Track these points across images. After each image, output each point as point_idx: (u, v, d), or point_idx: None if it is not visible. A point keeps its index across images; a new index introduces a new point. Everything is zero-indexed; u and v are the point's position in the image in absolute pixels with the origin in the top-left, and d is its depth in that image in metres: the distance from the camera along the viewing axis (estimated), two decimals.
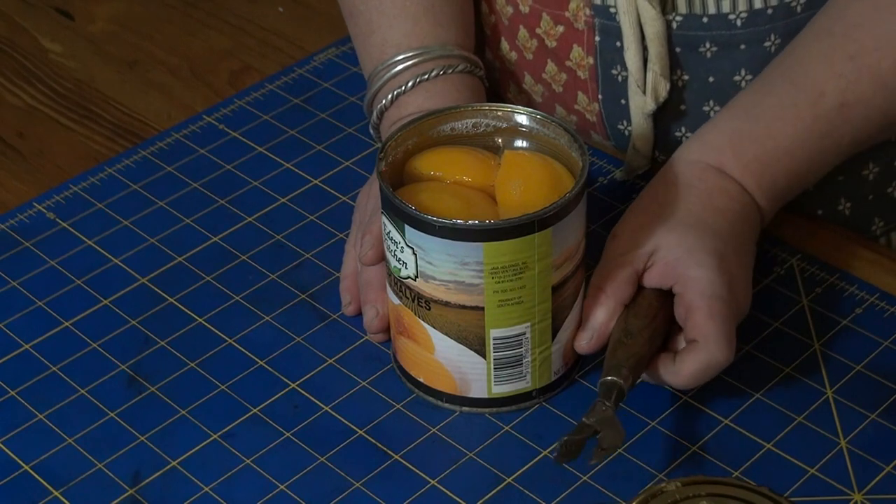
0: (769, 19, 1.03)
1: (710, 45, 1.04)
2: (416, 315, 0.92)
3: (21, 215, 1.12)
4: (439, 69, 1.06)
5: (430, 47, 1.07)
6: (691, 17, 1.03)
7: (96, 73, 1.28)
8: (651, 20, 1.03)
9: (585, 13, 1.05)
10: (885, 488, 0.89)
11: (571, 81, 1.09)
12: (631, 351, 0.91)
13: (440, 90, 1.06)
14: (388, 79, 1.07)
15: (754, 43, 1.04)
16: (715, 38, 1.04)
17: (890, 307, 1.00)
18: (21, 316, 1.03)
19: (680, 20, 1.04)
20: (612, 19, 1.05)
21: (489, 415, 0.95)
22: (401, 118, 1.05)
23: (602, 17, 1.05)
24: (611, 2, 1.04)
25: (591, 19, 1.05)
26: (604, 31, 1.05)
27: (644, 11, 1.03)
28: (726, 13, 1.03)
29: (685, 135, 1.08)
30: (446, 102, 1.05)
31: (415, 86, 1.06)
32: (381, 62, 1.08)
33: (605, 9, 1.04)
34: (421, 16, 1.08)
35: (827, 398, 0.94)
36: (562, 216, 0.89)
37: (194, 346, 1.00)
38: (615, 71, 1.07)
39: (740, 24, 1.03)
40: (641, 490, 0.88)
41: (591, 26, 1.06)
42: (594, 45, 1.06)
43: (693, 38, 1.04)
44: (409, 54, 1.07)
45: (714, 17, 1.03)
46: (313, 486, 0.91)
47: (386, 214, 0.91)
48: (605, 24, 1.05)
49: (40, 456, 0.93)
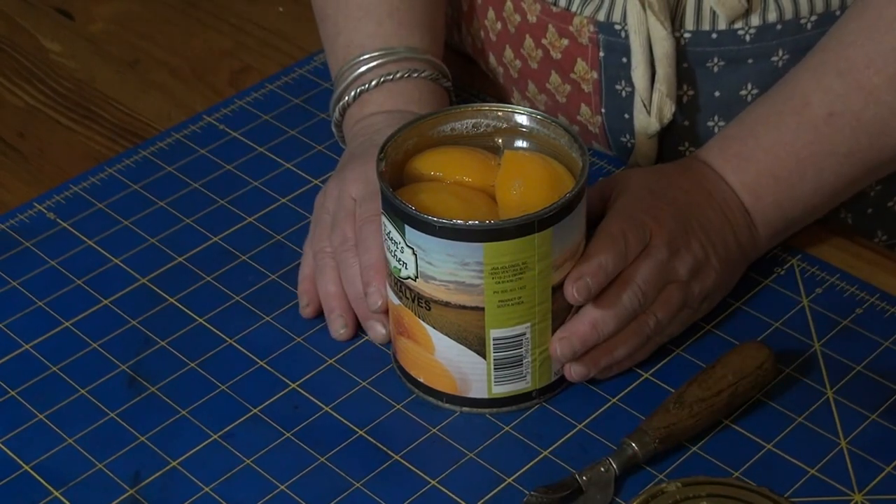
0: (778, 35, 1.03)
1: (718, 60, 1.04)
2: (416, 315, 0.92)
3: (21, 215, 1.12)
4: (404, 71, 1.07)
5: (395, 48, 1.08)
6: (700, 34, 1.03)
7: (96, 73, 1.28)
8: (661, 40, 1.03)
9: (589, 29, 1.05)
10: (885, 488, 0.89)
11: (575, 93, 1.09)
12: (670, 421, 0.90)
13: (403, 91, 1.07)
14: (352, 79, 1.08)
15: (762, 58, 1.04)
16: (723, 54, 1.04)
17: (890, 307, 1.00)
18: (21, 316, 1.03)
19: (688, 37, 1.03)
20: (616, 36, 1.04)
21: (489, 415, 0.95)
22: (363, 116, 1.06)
23: (606, 34, 1.05)
24: (617, 19, 1.04)
25: (595, 35, 1.05)
26: (608, 48, 1.05)
27: (655, 31, 1.02)
28: (736, 28, 1.03)
29: (688, 149, 1.08)
30: (409, 104, 1.06)
31: (378, 85, 1.07)
32: (346, 62, 1.09)
33: (611, 26, 1.04)
34: (385, 18, 1.09)
35: (827, 398, 0.94)
36: (562, 216, 0.89)
37: (194, 346, 1.00)
38: (619, 86, 1.07)
39: (749, 39, 1.03)
40: (642, 490, 0.88)
41: (595, 42, 1.06)
42: (598, 61, 1.06)
43: (701, 53, 1.04)
44: (373, 54, 1.08)
45: (723, 33, 1.03)
46: (313, 486, 0.90)
47: (386, 214, 0.91)
48: (609, 41, 1.05)
49: (40, 456, 0.93)
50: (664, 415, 0.90)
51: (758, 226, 1.00)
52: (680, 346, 0.98)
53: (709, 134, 1.07)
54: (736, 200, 0.99)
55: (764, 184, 0.99)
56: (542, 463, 0.91)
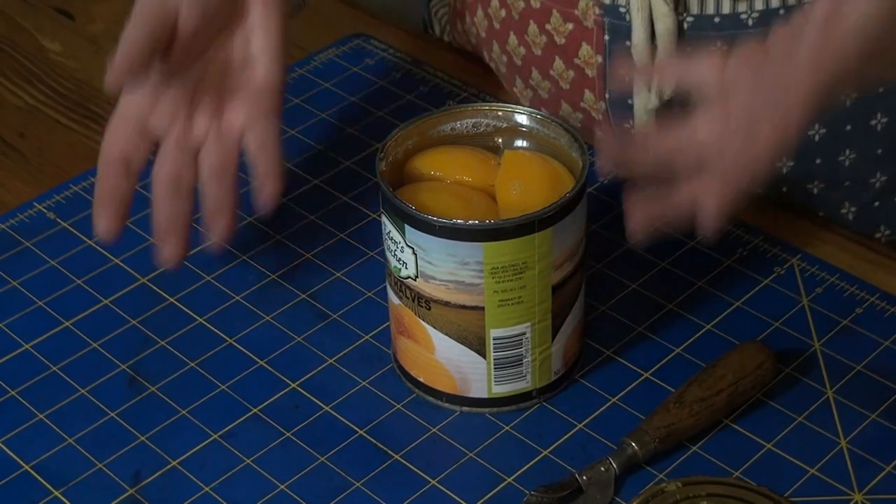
0: (781, 19, 1.02)
1: (721, 45, 1.04)
2: (416, 315, 0.92)
3: (21, 215, 1.12)
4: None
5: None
6: (703, 18, 1.03)
7: (96, 72, 1.28)
8: (663, 16, 1.02)
9: (595, 12, 1.05)
10: (885, 488, 0.89)
11: (579, 79, 1.09)
12: (670, 420, 0.90)
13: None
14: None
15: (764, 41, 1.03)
16: (726, 38, 1.04)
17: (890, 307, 1.00)
18: (21, 316, 1.03)
19: (691, 21, 1.03)
20: (621, 19, 1.04)
21: (489, 415, 0.95)
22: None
23: (611, 17, 1.05)
24: (622, 1, 1.04)
25: (600, 18, 1.05)
26: (613, 31, 1.05)
27: (657, 8, 1.02)
28: (739, 13, 1.03)
29: None
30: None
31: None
32: None
33: (615, 8, 1.04)
34: None
35: (827, 398, 0.94)
36: (562, 216, 0.89)
37: (194, 346, 1.00)
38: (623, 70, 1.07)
39: (752, 23, 1.03)
40: (642, 490, 0.88)
41: (600, 25, 1.06)
42: (603, 44, 1.06)
43: (704, 38, 1.04)
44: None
45: (726, 17, 1.03)
46: (313, 486, 0.91)
47: (386, 214, 0.91)
48: (614, 24, 1.05)
49: (40, 456, 0.93)
50: (664, 414, 0.90)
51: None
52: (680, 346, 0.98)
53: None
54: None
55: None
56: (542, 463, 0.91)
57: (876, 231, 1.12)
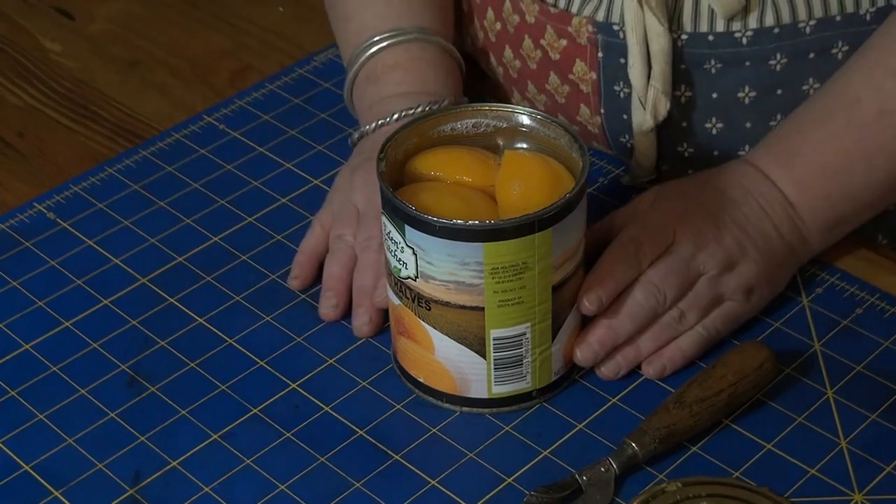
0: (775, 38, 1.02)
1: (715, 63, 1.04)
2: (416, 315, 0.92)
3: (21, 215, 1.12)
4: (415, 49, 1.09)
5: (404, 28, 1.10)
6: (697, 36, 1.03)
7: (96, 73, 1.28)
8: (657, 36, 1.02)
9: (588, 30, 1.05)
10: (885, 488, 0.89)
11: (574, 94, 1.09)
12: (670, 421, 0.90)
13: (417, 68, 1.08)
14: (364, 60, 1.10)
15: (759, 61, 1.03)
16: (720, 56, 1.04)
17: (890, 307, 1.00)
18: (21, 316, 1.03)
19: (686, 38, 1.03)
20: (615, 37, 1.04)
21: (489, 415, 0.95)
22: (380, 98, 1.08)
23: (605, 35, 1.05)
24: (615, 19, 1.04)
25: (593, 36, 1.05)
26: (607, 48, 1.05)
27: (651, 27, 1.02)
28: (733, 31, 1.02)
29: (687, 150, 1.08)
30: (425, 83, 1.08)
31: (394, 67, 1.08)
32: (357, 45, 1.10)
33: (609, 26, 1.04)
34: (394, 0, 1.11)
35: (827, 398, 0.94)
36: (562, 216, 0.89)
37: (194, 346, 1.00)
38: (618, 87, 1.06)
39: (745, 42, 1.03)
40: (642, 490, 0.88)
41: (593, 43, 1.05)
42: (597, 61, 1.06)
43: (698, 55, 1.04)
44: (384, 35, 1.09)
45: (720, 35, 1.03)
46: (313, 486, 0.91)
47: (386, 214, 0.91)
48: (608, 42, 1.05)
49: (40, 456, 0.93)
50: (664, 415, 0.90)
51: (805, 219, 0.99)
52: None
53: (707, 135, 1.07)
54: (777, 194, 0.99)
55: (811, 177, 0.99)
56: (542, 463, 0.91)
57: (874, 241, 1.12)
